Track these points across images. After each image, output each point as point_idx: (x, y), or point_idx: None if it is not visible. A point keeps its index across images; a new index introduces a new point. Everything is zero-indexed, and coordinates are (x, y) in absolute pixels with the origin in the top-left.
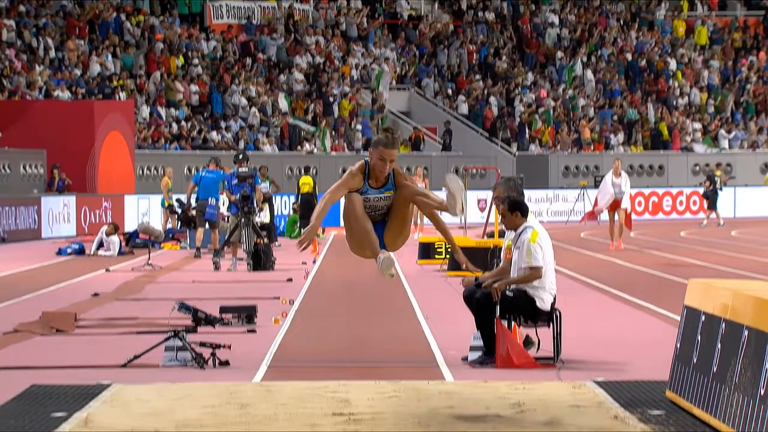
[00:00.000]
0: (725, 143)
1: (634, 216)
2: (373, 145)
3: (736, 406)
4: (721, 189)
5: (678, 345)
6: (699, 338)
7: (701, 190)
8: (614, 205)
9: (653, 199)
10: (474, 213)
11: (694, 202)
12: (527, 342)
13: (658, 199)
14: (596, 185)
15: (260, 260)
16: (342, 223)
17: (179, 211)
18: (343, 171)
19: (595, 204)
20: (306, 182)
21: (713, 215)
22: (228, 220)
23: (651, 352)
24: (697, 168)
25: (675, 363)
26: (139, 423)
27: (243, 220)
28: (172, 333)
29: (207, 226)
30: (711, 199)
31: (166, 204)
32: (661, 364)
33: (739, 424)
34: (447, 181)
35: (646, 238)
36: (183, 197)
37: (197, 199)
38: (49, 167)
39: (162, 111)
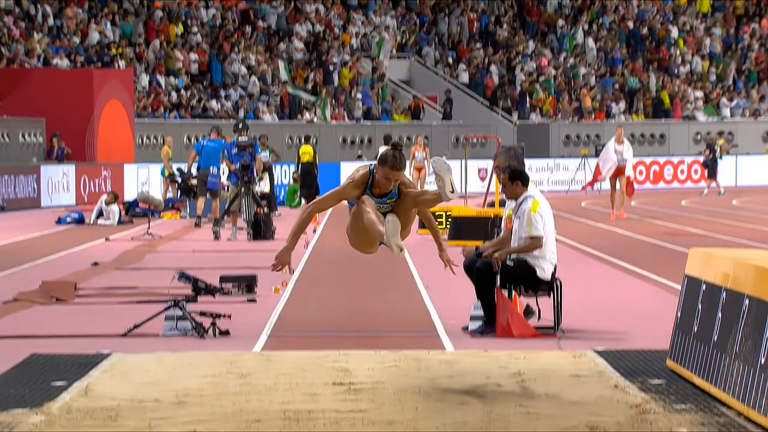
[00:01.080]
0: (727, 111)
1: (635, 185)
2: (380, 161)
3: (737, 375)
4: (720, 158)
5: (678, 314)
6: (700, 307)
7: (701, 159)
8: (616, 173)
9: (654, 168)
10: (474, 182)
11: (696, 171)
12: (527, 311)
13: (659, 168)
14: (597, 154)
15: (260, 229)
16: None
17: (180, 180)
18: (343, 141)
19: (596, 172)
20: (306, 151)
21: (714, 184)
22: (228, 190)
23: (651, 322)
24: (699, 136)
25: (675, 332)
26: (139, 392)
27: (243, 189)
28: (172, 302)
29: (208, 195)
30: (710, 167)
31: (167, 173)
32: (661, 334)
33: (740, 392)
34: (433, 165)
35: (647, 207)
36: (183, 166)
37: (198, 168)
38: (48, 136)
39: (161, 79)
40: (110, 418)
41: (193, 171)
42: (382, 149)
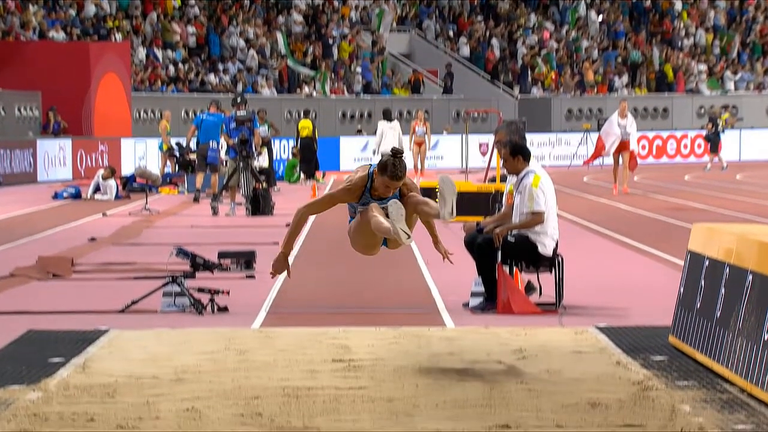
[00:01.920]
0: (731, 85)
1: (638, 160)
2: (380, 169)
3: (740, 351)
4: (723, 132)
5: (681, 290)
6: (702, 283)
7: (704, 133)
8: (620, 147)
9: (657, 142)
10: (475, 157)
11: (699, 145)
12: (529, 288)
13: (662, 142)
14: (599, 128)
15: (259, 205)
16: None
17: (178, 154)
18: (343, 115)
19: (599, 146)
20: (305, 126)
21: (716, 159)
22: (226, 165)
23: (654, 298)
24: (702, 110)
25: (678, 308)
26: (137, 369)
27: (241, 164)
28: (170, 278)
29: (207, 170)
30: (713, 142)
31: (165, 147)
32: (664, 310)
33: (743, 369)
34: (440, 182)
35: (650, 181)
36: (182, 141)
37: (197, 143)
38: (44, 110)
39: (158, 53)
40: (108, 395)
41: (192, 145)
42: (381, 124)
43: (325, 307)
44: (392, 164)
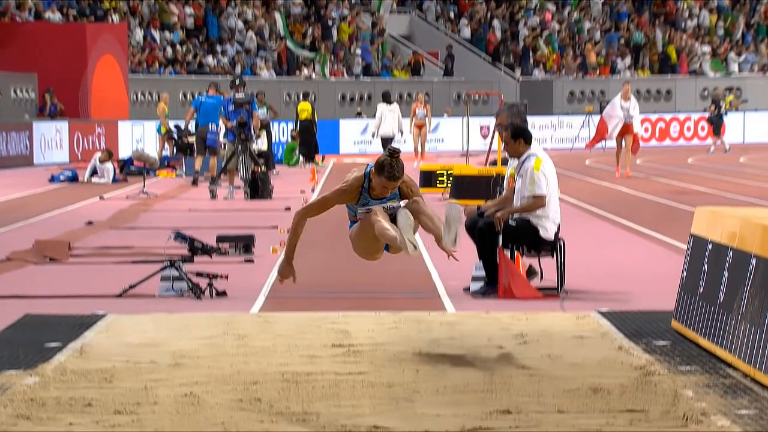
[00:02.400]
0: (735, 67)
1: (641, 143)
2: (377, 169)
3: (743, 336)
4: (725, 114)
5: (684, 274)
6: (705, 267)
7: (707, 115)
8: (623, 131)
9: (660, 124)
10: (476, 140)
11: (702, 128)
12: (530, 272)
13: (665, 124)
14: (602, 111)
15: (258, 188)
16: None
17: (177, 137)
18: (342, 97)
19: (602, 129)
20: (304, 108)
21: (719, 141)
22: (225, 148)
23: (656, 282)
24: (706, 92)
25: (681, 293)
26: (134, 353)
27: (240, 147)
28: (168, 262)
29: (207, 152)
30: (715, 124)
31: (163, 130)
32: (666, 294)
33: (746, 354)
34: (446, 211)
35: (653, 165)
36: (181, 123)
37: (196, 126)
38: (40, 92)
39: (156, 34)
40: (105, 380)
41: (191, 128)
42: (380, 107)
43: (324, 292)
44: (389, 164)
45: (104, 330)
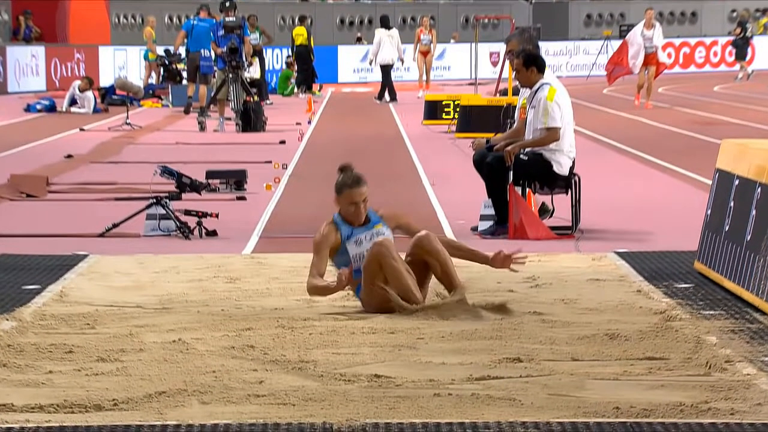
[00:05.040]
0: None
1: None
2: (337, 191)
3: None
4: (751, 37)
5: (708, 212)
6: (732, 204)
7: (732, 39)
8: (646, 61)
9: (684, 50)
10: (485, 68)
11: (730, 53)
12: (543, 210)
13: (689, 50)
14: (621, 35)
15: (250, 120)
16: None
17: (167, 62)
18: (341, 21)
19: (622, 61)
20: (300, 33)
21: (748, 68)
22: (215, 76)
23: (678, 220)
24: (735, 14)
25: (705, 231)
26: (119, 297)
27: (231, 75)
28: (154, 200)
29: (198, 80)
30: (740, 48)
31: (151, 57)
32: (689, 233)
33: None
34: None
35: (676, 93)
36: (171, 49)
37: (187, 51)
38: (14, 14)
39: None
40: (88, 325)
41: (182, 53)
42: (378, 32)
43: None
44: (344, 175)
45: (86, 272)
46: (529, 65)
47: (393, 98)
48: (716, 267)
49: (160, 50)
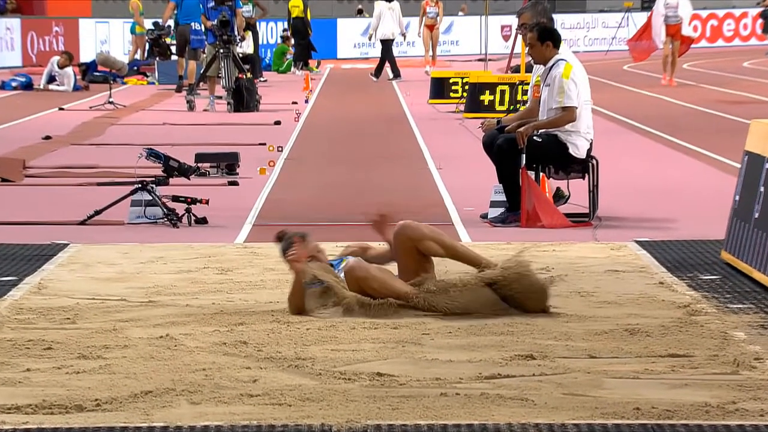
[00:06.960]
0: None
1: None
2: (282, 252)
3: None
4: None
5: (736, 198)
6: (762, 189)
7: (761, 10)
8: (669, 32)
9: (712, 22)
10: (496, 43)
11: (761, 26)
12: (558, 196)
13: (717, 22)
14: (643, 8)
15: (242, 99)
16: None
17: (156, 36)
18: None
19: (645, 34)
20: (296, 5)
21: None
22: (205, 51)
23: (704, 207)
24: None
25: (732, 219)
26: (101, 289)
27: (222, 50)
28: (140, 185)
29: (187, 55)
30: None
31: (138, 30)
32: (716, 221)
33: None
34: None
35: (702, 70)
36: (160, 21)
37: (176, 24)
38: None
39: None
40: (68, 320)
41: (170, 25)
42: (378, 5)
43: (319, 219)
44: (282, 245)
45: (66, 262)
46: (544, 40)
47: (396, 75)
48: (745, 257)
49: (148, 23)
